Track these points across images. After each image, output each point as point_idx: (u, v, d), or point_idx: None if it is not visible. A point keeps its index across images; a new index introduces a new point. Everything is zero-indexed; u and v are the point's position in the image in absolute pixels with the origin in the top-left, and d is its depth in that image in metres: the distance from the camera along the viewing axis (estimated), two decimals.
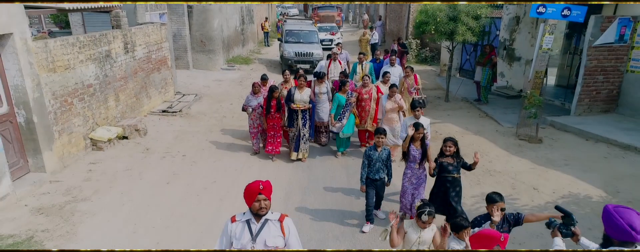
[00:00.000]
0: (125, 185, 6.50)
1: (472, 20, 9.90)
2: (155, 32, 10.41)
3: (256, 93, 7.70)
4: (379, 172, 5.28)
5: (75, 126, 7.28)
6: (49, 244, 4.89)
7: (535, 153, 7.75)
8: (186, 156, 7.78)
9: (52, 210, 5.66)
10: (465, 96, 11.73)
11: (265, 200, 3.00)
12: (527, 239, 5.09)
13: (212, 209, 5.88)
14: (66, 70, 6.97)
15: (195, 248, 4.88)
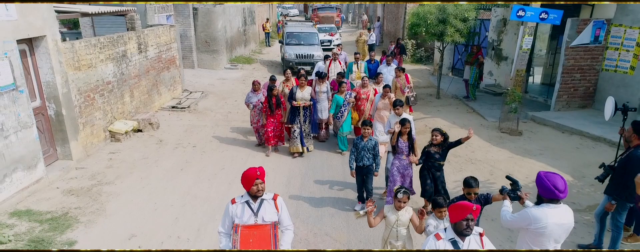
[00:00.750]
0: (143, 171, 7.25)
1: (460, 23, 10.65)
2: (165, 33, 11.16)
3: (256, 90, 8.40)
4: (365, 159, 5.92)
5: (97, 119, 8.03)
6: (82, 218, 5.64)
7: (514, 144, 8.51)
8: (196, 146, 8.54)
9: (81, 191, 6.41)
10: (455, 94, 12.49)
11: (261, 183, 3.54)
12: None
13: (222, 192, 6.63)
14: (89, 69, 7.73)
15: (211, 222, 5.64)
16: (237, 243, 3.46)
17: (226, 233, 3.66)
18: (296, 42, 17.39)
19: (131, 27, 9.47)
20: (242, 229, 3.50)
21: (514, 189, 3.80)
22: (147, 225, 5.61)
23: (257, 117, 8.45)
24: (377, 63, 11.29)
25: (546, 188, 3.32)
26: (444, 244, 3.07)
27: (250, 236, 3.48)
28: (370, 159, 5.95)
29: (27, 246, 4.95)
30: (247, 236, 3.48)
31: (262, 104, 8.21)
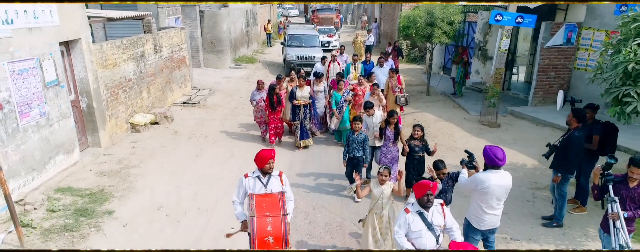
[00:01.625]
0: (163, 157, 8.26)
1: (446, 26, 11.66)
2: (177, 35, 12.17)
3: (260, 89, 9.34)
4: (356, 151, 6.73)
5: (120, 112, 9.04)
6: (116, 193, 6.66)
7: (492, 135, 9.53)
8: (208, 137, 9.55)
9: (112, 173, 7.42)
10: (444, 91, 13.49)
11: (272, 162, 4.44)
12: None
13: (234, 174, 7.62)
14: (114, 67, 8.74)
15: (226, 196, 6.65)
16: (253, 207, 4.32)
17: (240, 202, 4.54)
18: (297, 44, 17.87)
19: (148, 29, 10.47)
20: (257, 196, 4.37)
21: (470, 160, 4.81)
22: (172, 199, 6.62)
23: (260, 113, 9.40)
24: (372, 64, 12.16)
25: (489, 157, 4.32)
26: (413, 216, 3.99)
27: (263, 202, 4.39)
28: (360, 151, 6.74)
29: (74, 214, 5.96)
30: (261, 201, 4.38)
31: (264, 102, 9.02)
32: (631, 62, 4.96)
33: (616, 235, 4.38)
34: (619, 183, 4.51)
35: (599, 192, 4.65)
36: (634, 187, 4.47)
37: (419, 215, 3.95)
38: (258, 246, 4.08)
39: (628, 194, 4.49)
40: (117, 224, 5.87)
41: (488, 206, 4.45)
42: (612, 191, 4.45)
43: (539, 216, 6.28)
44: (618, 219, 4.37)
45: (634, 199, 4.48)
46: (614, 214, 4.38)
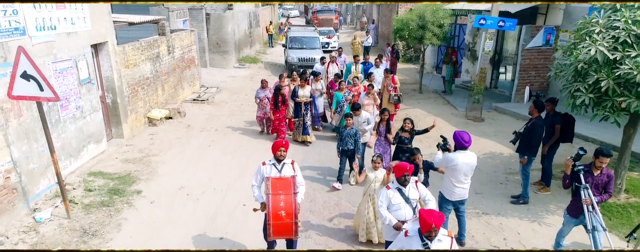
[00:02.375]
0: (179, 147, 9.23)
1: (436, 28, 12.62)
2: (187, 37, 13.14)
3: (264, 87, 10.25)
4: (348, 144, 7.52)
5: (139, 108, 10.01)
6: (142, 177, 7.62)
7: (476, 128, 10.49)
8: (218, 130, 10.51)
9: (135, 160, 8.39)
10: (435, 89, 14.46)
11: (284, 151, 5.26)
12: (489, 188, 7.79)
13: (243, 162, 8.61)
14: (134, 67, 9.71)
15: (237, 180, 7.61)
16: (269, 187, 5.12)
17: (258, 186, 5.34)
18: (299, 46, 18.54)
19: (162, 32, 11.44)
20: (272, 179, 5.18)
21: (444, 144, 5.78)
22: (190, 181, 7.59)
23: (263, 110, 10.31)
24: (371, 64, 13.05)
25: (458, 140, 5.29)
26: (393, 192, 4.86)
27: (278, 183, 5.20)
28: (353, 144, 7.50)
29: (108, 193, 6.93)
30: (276, 183, 5.21)
31: (269, 101, 9.87)
32: (580, 63, 5.93)
33: (590, 218, 4.88)
34: (587, 173, 5.04)
35: (570, 181, 5.18)
36: (598, 175, 5.06)
37: (398, 191, 4.85)
38: (272, 218, 4.94)
39: (593, 181, 5.04)
40: (146, 201, 6.84)
41: (457, 180, 5.42)
42: (583, 179, 4.98)
43: (509, 195, 7.25)
44: (591, 203, 4.89)
45: (598, 185, 5.06)
46: (587, 199, 4.88)
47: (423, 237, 3.81)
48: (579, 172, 5.02)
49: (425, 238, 3.80)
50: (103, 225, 6.08)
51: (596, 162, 5.05)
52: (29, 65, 5.31)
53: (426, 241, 3.80)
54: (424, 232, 3.77)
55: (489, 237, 6.08)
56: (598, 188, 5.08)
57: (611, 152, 5.14)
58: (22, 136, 6.20)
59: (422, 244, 3.82)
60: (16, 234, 5.75)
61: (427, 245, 3.80)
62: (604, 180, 5.08)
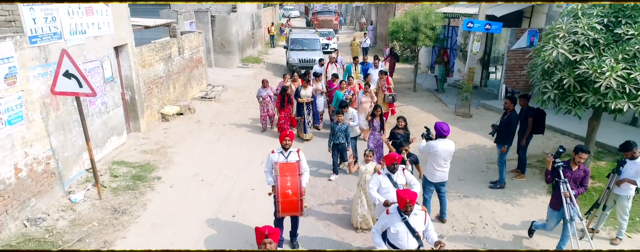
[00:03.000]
0: (191, 140, 10.11)
1: (429, 31, 13.49)
2: (195, 39, 14.01)
3: (265, 87, 11.04)
4: (340, 138, 8.28)
5: (154, 104, 10.89)
6: (160, 165, 8.50)
7: (464, 123, 11.36)
8: (225, 125, 11.39)
9: (152, 151, 9.26)
10: (429, 87, 15.34)
11: (288, 140, 6.14)
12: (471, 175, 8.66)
13: (250, 154, 9.48)
14: (150, 67, 10.59)
15: (246, 169, 8.48)
16: (277, 170, 5.95)
17: (269, 172, 6.15)
18: (300, 47, 19.11)
19: (173, 35, 12.31)
20: (280, 164, 6.02)
21: (427, 133, 6.63)
22: (203, 169, 8.47)
23: (266, 107, 11.10)
24: (369, 65, 13.81)
25: (438, 130, 6.17)
26: (383, 177, 5.69)
27: (284, 166, 6.00)
28: (343, 138, 8.26)
29: (132, 178, 7.80)
30: (283, 166, 6.01)
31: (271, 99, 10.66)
32: (547, 63, 6.80)
33: (568, 209, 5.38)
34: (566, 169, 5.52)
35: (551, 177, 5.65)
36: (576, 170, 5.56)
37: (388, 176, 5.68)
38: (281, 196, 5.76)
39: (572, 176, 5.53)
40: (165, 186, 7.72)
41: (438, 164, 6.30)
42: (562, 174, 5.47)
43: (488, 181, 8.11)
44: (569, 196, 5.37)
45: (576, 180, 5.55)
46: (566, 193, 5.36)
47: (401, 212, 4.61)
48: (558, 168, 5.49)
49: (403, 213, 4.60)
50: (131, 205, 6.96)
51: (575, 157, 5.52)
52: (70, 65, 6.19)
53: (404, 215, 4.60)
54: (402, 207, 4.56)
55: (467, 216, 6.96)
56: (576, 182, 5.57)
57: (589, 149, 5.74)
58: (59, 128, 7.07)
59: (401, 218, 4.62)
60: (56, 212, 6.63)
61: (405, 219, 4.60)
62: (581, 175, 5.58)
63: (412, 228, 4.59)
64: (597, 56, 6.33)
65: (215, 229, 6.51)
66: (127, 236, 6.17)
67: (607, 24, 6.55)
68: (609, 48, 6.35)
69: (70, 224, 6.38)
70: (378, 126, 8.52)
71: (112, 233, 6.19)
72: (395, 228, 4.62)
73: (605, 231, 6.42)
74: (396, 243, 4.68)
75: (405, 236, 4.60)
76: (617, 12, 6.63)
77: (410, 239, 4.61)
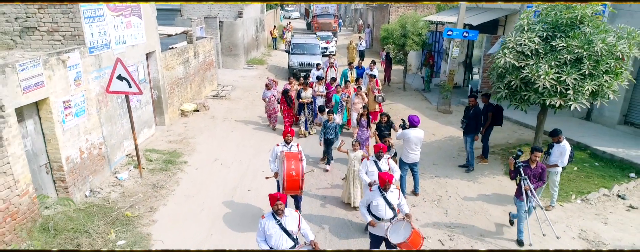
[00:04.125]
0: (208, 132, 11.81)
1: (416, 37, 15.18)
2: (208, 44, 15.72)
3: (269, 89, 12.68)
4: (330, 134, 9.88)
5: (175, 102, 12.59)
6: (185, 152, 10.20)
7: (444, 119, 13.05)
8: (237, 120, 13.10)
9: (177, 141, 10.96)
10: (417, 87, 17.04)
11: (291, 136, 7.78)
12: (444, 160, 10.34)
13: (259, 143, 11.18)
14: (172, 70, 12.29)
15: (256, 156, 10.18)
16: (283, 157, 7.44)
17: (273, 161, 7.72)
18: (300, 52, 20.37)
19: (190, 41, 14.00)
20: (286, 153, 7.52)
21: (404, 124, 8.32)
22: (221, 155, 10.18)
23: (273, 106, 12.75)
24: (363, 69, 15.40)
25: (410, 121, 7.87)
26: (370, 163, 7.28)
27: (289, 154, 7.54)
28: (333, 135, 9.84)
29: (163, 162, 9.50)
30: (288, 154, 7.51)
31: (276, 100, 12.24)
32: (500, 68, 8.49)
33: (529, 201, 6.53)
34: (526, 167, 6.60)
35: (514, 174, 6.71)
36: (534, 167, 6.60)
37: (374, 162, 7.32)
38: (286, 176, 7.31)
39: (531, 172, 6.58)
40: (192, 168, 9.43)
41: (410, 148, 8.00)
42: (523, 172, 6.54)
43: (458, 164, 9.81)
44: (529, 189, 6.47)
45: (535, 175, 6.62)
46: (527, 187, 6.45)
47: (381, 190, 6.13)
48: (519, 168, 6.58)
49: (382, 190, 6.09)
50: (166, 182, 8.67)
51: (531, 156, 6.59)
52: (122, 70, 7.90)
53: (383, 192, 6.06)
54: (382, 186, 6.04)
55: (436, 190, 8.66)
56: (535, 177, 6.62)
57: (542, 148, 6.99)
58: (108, 120, 8.78)
59: (381, 194, 6.11)
60: (107, 187, 8.33)
61: (384, 195, 6.13)
62: (539, 171, 6.66)
63: (389, 202, 5.94)
64: (537, 63, 8.03)
65: (235, 199, 8.23)
66: (167, 203, 7.89)
67: (546, 37, 8.26)
68: (546, 56, 8.06)
69: (121, 195, 8.08)
70: (365, 123, 10.16)
71: (155, 202, 7.90)
72: (376, 201, 5.96)
73: (542, 201, 8.11)
74: (377, 213, 5.99)
75: (383, 208, 5.95)
76: (554, 27, 8.34)
77: (387, 210, 5.94)
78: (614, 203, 7.97)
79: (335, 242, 6.96)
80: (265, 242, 5.27)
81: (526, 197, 6.50)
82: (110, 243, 6.55)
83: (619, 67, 8.02)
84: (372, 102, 12.75)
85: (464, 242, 6.93)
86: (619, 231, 7.07)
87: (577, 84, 7.76)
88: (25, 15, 7.74)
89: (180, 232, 7.05)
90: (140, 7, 9.92)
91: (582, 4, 8.11)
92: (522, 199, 6.54)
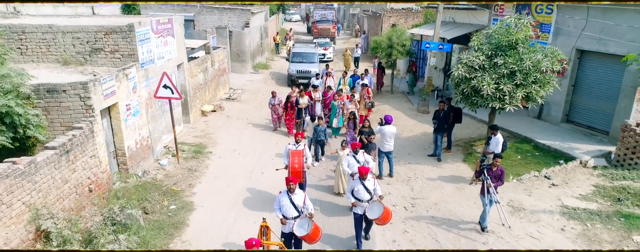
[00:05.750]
0: (226, 128, 14.32)
1: (400, 47, 17.69)
2: (222, 53, 18.23)
3: (273, 97, 15.03)
4: (321, 136, 12.22)
5: (197, 104, 15.10)
6: (209, 144, 12.71)
7: (422, 118, 15.56)
8: (248, 119, 15.61)
9: (201, 136, 13.47)
10: (403, 90, 19.55)
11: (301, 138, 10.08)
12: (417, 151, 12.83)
13: (268, 138, 13.68)
14: (194, 77, 14.80)
15: (266, 149, 12.70)
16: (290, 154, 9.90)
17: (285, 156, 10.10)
18: (299, 60, 22.08)
19: (208, 51, 16.51)
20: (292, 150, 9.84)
21: (382, 122, 10.81)
22: (238, 147, 12.71)
23: (276, 112, 15.14)
24: (358, 77, 17.75)
25: (385, 119, 10.39)
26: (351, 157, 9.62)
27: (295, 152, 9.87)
28: (323, 136, 12.04)
29: (193, 152, 12.00)
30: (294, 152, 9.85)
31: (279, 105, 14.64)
32: (456, 79, 10.99)
33: (490, 197, 8.00)
34: (488, 169, 8.18)
35: (478, 174, 8.32)
36: (495, 170, 8.12)
37: (353, 157, 9.74)
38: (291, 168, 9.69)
39: (492, 174, 8.08)
40: (216, 156, 11.95)
41: (385, 140, 10.51)
42: (486, 173, 8.10)
43: (427, 154, 12.31)
44: (490, 187, 7.99)
45: (496, 176, 8.10)
46: (488, 184, 7.98)
47: (360, 179, 8.38)
48: (483, 169, 8.19)
49: (361, 179, 8.36)
50: (198, 167, 11.18)
51: (494, 161, 8.22)
52: (167, 81, 10.41)
53: (362, 180, 8.30)
54: (361, 176, 8.30)
55: (407, 173, 11.17)
56: (496, 178, 8.14)
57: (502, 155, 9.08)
58: (152, 119, 11.29)
59: (361, 182, 8.35)
60: (153, 170, 10.83)
61: (363, 183, 8.41)
62: (498, 173, 8.16)
63: (367, 188, 8.02)
64: (482, 75, 10.53)
65: (252, 179, 10.75)
66: (201, 182, 10.41)
67: (490, 55, 10.75)
68: (489, 70, 10.56)
69: (165, 176, 10.59)
70: (352, 126, 12.63)
71: (192, 180, 10.42)
72: (357, 188, 8.02)
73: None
74: (358, 196, 7.73)
75: (363, 192, 8.01)
76: (497, 47, 10.82)
77: (365, 194, 7.96)
78: (541, 182, 10.46)
79: (326, 220, 9.13)
80: (279, 211, 7.35)
81: (488, 193, 8.11)
82: (165, 208, 9.06)
83: (546, 79, 10.53)
84: (363, 108, 15.22)
85: (421, 208, 9.45)
86: (538, 201, 9.57)
87: (512, 92, 10.27)
88: (94, 39, 10.25)
89: (213, 201, 9.57)
90: (174, 28, 12.43)
91: (516, 31, 10.61)
92: (484, 195, 8.18)
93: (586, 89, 13.02)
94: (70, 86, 8.19)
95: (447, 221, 8.92)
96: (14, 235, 6.22)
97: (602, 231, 8.34)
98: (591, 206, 9.17)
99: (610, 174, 10.46)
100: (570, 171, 10.78)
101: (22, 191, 6.35)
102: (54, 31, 10.09)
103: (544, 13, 13.63)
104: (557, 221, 8.76)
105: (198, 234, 8.31)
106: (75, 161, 7.65)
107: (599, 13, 11.91)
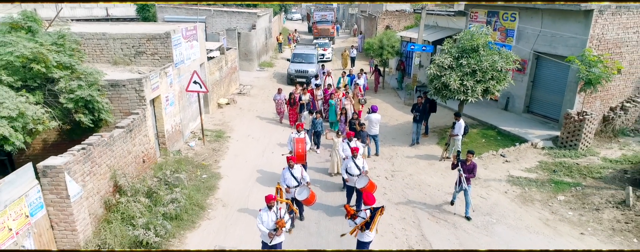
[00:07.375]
0: (240, 118, 16.87)
1: (390, 48, 20.20)
2: (233, 53, 20.77)
3: (278, 93, 17.53)
4: (318, 127, 14.82)
5: (214, 97, 17.65)
6: (227, 130, 15.26)
7: (407, 109, 18.01)
8: (258, 111, 18.16)
9: (220, 124, 16.02)
10: (393, 86, 22.09)
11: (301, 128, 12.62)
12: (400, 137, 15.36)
13: (275, 127, 16.22)
14: (212, 74, 17.34)
15: (273, 134, 15.26)
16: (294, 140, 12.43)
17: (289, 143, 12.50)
18: (299, 60, 24.19)
19: (222, 52, 19.04)
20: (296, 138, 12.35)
21: (369, 111, 13.34)
22: (251, 132, 15.27)
23: (281, 107, 17.65)
24: (354, 76, 20.26)
25: (372, 109, 12.93)
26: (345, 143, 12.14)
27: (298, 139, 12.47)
28: (320, 128, 14.42)
29: (215, 136, 14.55)
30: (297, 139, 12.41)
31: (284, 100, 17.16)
32: (430, 76, 13.51)
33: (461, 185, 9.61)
34: (463, 163, 9.69)
35: (454, 167, 9.75)
36: (469, 164, 9.60)
37: (347, 143, 12.27)
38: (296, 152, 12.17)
39: (466, 167, 9.58)
40: (234, 140, 14.51)
41: (372, 125, 13.06)
42: (460, 166, 9.65)
43: (409, 141, 14.85)
44: (462, 177, 9.48)
45: (469, 169, 9.57)
46: (461, 175, 9.55)
47: (352, 157, 11.01)
48: (458, 162, 9.68)
49: (353, 158, 11.01)
50: (220, 147, 13.74)
51: (467, 156, 9.68)
52: (196, 77, 12.95)
53: (354, 159, 10.97)
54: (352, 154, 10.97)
55: (390, 152, 13.72)
56: (468, 171, 9.62)
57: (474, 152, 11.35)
58: (182, 109, 13.84)
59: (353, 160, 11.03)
60: (184, 150, 13.37)
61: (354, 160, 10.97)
62: (471, 167, 9.63)
63: (357, 165, 10.63)
64: (450, 73, 13.06)
65: (264, 157, 13.32)
66: (224, 159, 12.97)
67: (457, 57, 13.27)
68: (456, 69, 13.09)
69: (194, 155, 13.14)
70: (343, 120, 15.14)
71: (217, 157, 12.98)
72: (350, 165, 10.52)
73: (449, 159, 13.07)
74: (350, 171, 10.27)
75: (353, 168, 10.48)
76: (462, 51, 13.34)
77: (355, 170, 10.47)
78: (497, 159, 13.01)
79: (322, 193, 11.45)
80: (283, 182, 9.64)
81: (460, 183, 9.72)
82: (198, 176, 11.60)
83: (502, 76, 13.06)
84: (357, 104, 17.71)
85: (399, 178, 12.02)
86: (491, 172, 12.11)
87: (473, 87, 12.81)
88: (138, 44, 12.78)
89: (236, 172, 12.13)
90: (197, 33, 14.97)
91: (477, 37, 13.13)
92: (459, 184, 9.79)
93: (542, 84, 15.55)
94: (128, 82, 10.73)
95: (418, 186, 11.50)
96: (102, 186, 8.79)
97: (535, 193, 10.92)
98: (531, 176, 11.74)
99: (554, 153, 13.02)
100: (522, 151, 13.32)
101: (106, 156, 8.91)
102: (106, 38, 12.63)
103: (508, 20, 16.15)
104: (503, 186, 11.33)
105: (226, 194, 10.88)
106: (134, 138, 10.20)
107: (549, 22, 14.43)
